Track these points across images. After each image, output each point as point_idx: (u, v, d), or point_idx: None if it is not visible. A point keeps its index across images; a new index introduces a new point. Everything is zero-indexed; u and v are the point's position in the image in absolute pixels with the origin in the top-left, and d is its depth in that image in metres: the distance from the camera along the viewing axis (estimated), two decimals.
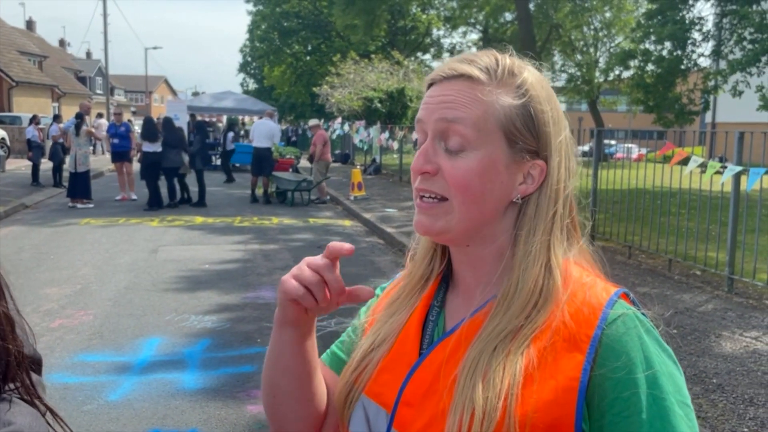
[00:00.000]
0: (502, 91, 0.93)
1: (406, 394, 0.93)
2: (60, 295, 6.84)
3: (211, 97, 27.83)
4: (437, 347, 0.94)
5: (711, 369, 4.85)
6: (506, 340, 0.88)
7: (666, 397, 0.84)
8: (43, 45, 46.57)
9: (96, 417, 4.16)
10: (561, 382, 0.84)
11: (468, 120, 0.91)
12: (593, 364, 0.84)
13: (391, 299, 1.06)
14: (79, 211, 13.01)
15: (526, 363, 0.85)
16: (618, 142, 18.68)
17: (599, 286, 0.92)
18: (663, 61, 17.35)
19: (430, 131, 0.93)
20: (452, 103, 0.92)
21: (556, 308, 0.89)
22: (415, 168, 0.94)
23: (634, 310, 0.89)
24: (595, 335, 0.85)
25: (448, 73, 0.94)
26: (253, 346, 5.50)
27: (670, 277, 7.74)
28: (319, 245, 10.03)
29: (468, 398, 0.85)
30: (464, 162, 0.91)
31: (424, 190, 0.93)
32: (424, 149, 0.93)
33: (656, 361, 0.85)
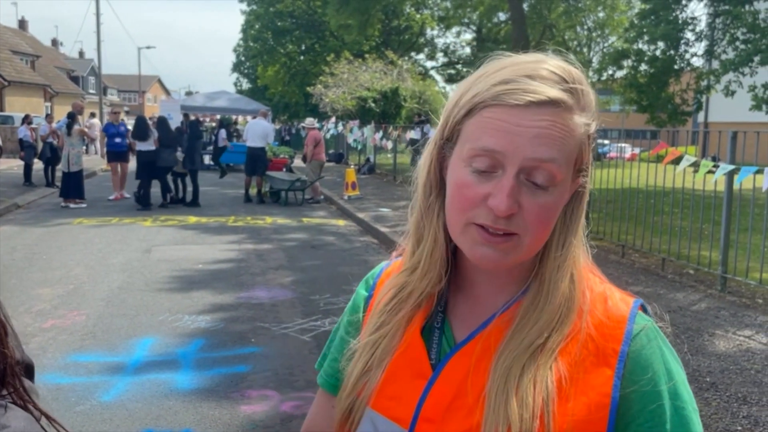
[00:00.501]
0: (580, 113, 0.85)
1: (426, 410, 0.89)
2: (52, 295, 6.81)
3: (204, 96, 27.77)
4: (453, 358, 0.90)
5: (704, 368, 4.86)
6: (534, 355, 0.86)
7: (686, 406, 0.87)
8: (35, 44, 46.35)
9: (89, 418, 4.14)
10: (593, 399, 0.84)
11: (563, 158, 0.83)
12: (623, 380, 0.85)
13: (384, 311, 0.98)
14: (71, 211, 12.96)
15: (558, 378, 0.84)
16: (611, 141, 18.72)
17: (616, 297, 0.92)
18: (656, 61, 17.40)
19: (514, 166, 0.82)
20: (549, 138, 0.82)
21: (579, 319, 0.88)
22: (503, 210, 0.81)
23: (652, 322, 0.90)
24: (622, 350, 0.86)
25: (535, 99, 0.82)
26: (247, 346, 5.48)
27: (663, 276, 7.76)
28: (312, 245, 10.02)
29: (502, 416, 0.83)
30: (548, 199, 0.84)
31: (499, 229, 0.83)
32: (509, 187, 0.81)
33: (674, 371, 0.88)
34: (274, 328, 5.87)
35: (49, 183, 16.55)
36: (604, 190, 9.86)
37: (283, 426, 4.07)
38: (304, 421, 1.16)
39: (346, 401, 0.97)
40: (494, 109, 0.83)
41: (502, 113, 0.83)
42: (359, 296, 1.08)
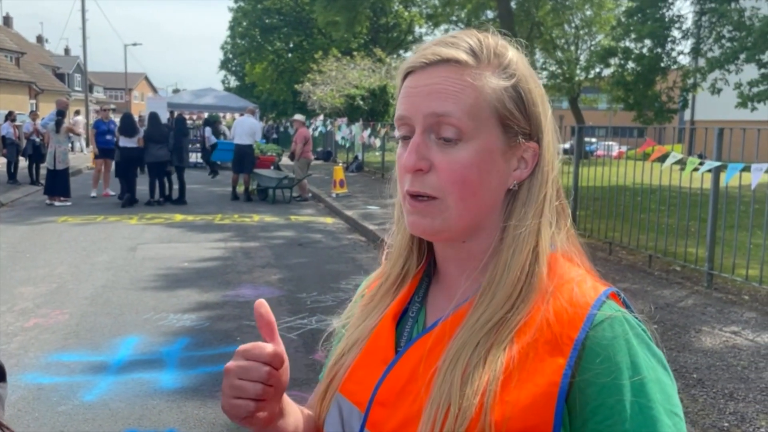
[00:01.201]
0: (490, 72, 0.86)
1: (381, 394, 0.88)
2: (35, 294, 6.72)
3: (191, 94, 27.60)
4: (415, 344, 0.89)
5: (691, 364, 4.86)
6: (490, 333, 0.83)
7: (653, 405, 0.79)
8: (20, 41, 45.91)
9: (71, 418, 4.08)
10: (540, 387, 0.79)
11: (461, 110, 0.84)
12: (575, 369, 0.79)
13: (365, 301, 1.02)
14: (56, 209, 12.83)
15: (507, 360, 0.81)
16: (599, 139, 18.80)
17: (588, 284, 0.86)
18: (643, 58, 17.47)
19: (419, 125, 0.86)
20: (441, 93, 0.85)
21: (541, 300, 0.84)
22: (408, 166, 0.85)
23: (623, 312, 0.83)
24: (578, 338, 0.80)
25: (431, 59, 0.86)
26: (232, 344, 5.42)
27: (650, 273, 7.77)
28: (300, 243, 9.97)
29: (445, 393, 0.81)
30: (460, 154, 0.84)
31: (416, 192, 0.86)
32: (416, 144, 0.85)
33: (644, 366, 0.80)
34: None
35: (34, 181, 16.39)
36: (591, 187, 9.87)
37: None
38: None
39: (322, 385, 0.98)
40: (408, 78, 0.89)
41: (408, 81, 0.89)
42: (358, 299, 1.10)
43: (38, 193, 14.85)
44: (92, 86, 55.77)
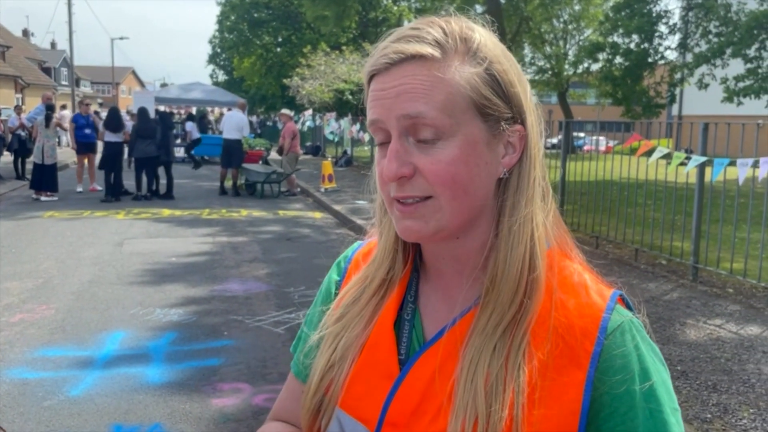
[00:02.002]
0: (459, 61, 0.81)
1: (392, 414, 0.85)
2: (21, 289, 6.68)
3: (179, 88, 27.42)
4: (422, 357, 0.86)
5: (675, 356, 4.91)
6: (504, 337, 0.82)
7: (662, 409, 0.81)
8: (5, 35, 45.41)
9: (56, 413, 4.06)
10: (565, 404, 0.80)
11: (434, 108, 0.79)
12: (594, 382, 0.80)
13: (347, 304, 0.96)
14: (42, 204, 12.74)
15: (529, 369, 0.80)
16: (587, 134, 18.88)
17: (593, 289, 0.86)
18: (630, 53, 17.55)
19: (394, 129, 0.82)
20: (411, 93, 0.80)
21: (548, 297, 0.83)
22: (390, 175, 0.81)
23: (630, 317, 0.84)
24: (594, 351, 0.81)
25: (394, 58, 0.81)
26: (219, 339, 5.42)
27: (636, 266, 7.83)
28: (288, 237, 9.95)
29: (470, 405, 0.79)
30: (443, 154, 0.80)
31: (405, 197, 0.82)
32: (394, 151, 0.81)
33: (652, 371, 0.82)
34: (247, 321, 5.82)
35: (20, 176, 16.26)
36: (579, 182, 9.92)
37: (255, 419, 4.03)
38: None
39: (312, 400, 0.93)
40: (372, 82, 0.85)
41: (375, 84, 0.84)
42: (331, 282, 1.05)
43: (24, 187, 14.73)
44: (79, 80, 55.32)
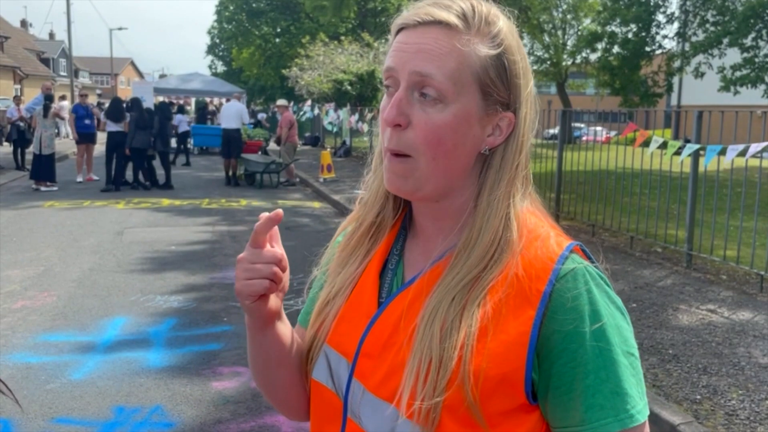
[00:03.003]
0: (479, 40, 0.89)
1: (366, 346, 0.94)
2: (23, 276, 6.76)
3: (178, 78, 27.44)
4: (396, 298, 0.95)
5: (667, 340, 4.99)
6: (464, 290, 0.89)
7: (612, 348, 0.87)
8: (3, 25, 45.29)
9: (59, 395, 4.14)
10: (512, 337, 0.86)
11: (444, 73, 0.87)
12: (543, 319, 0.86)
13: (341, 246, 1.06)
14: (42, 194, 12.79)
15: (482, 315, 0.87)
16: (586, 125, 18.91)
17: (552, 240, 0.92)
18: (628, 43, 17.57)
19: (404, 81, 0.89)
20: (428, 53, 0.88)
21: (512, 258, 0.90)
22: (389, 119, 0.89)
23: (585, 264, 0.90)
24: (545, 291, 0.87)
25: (425, 18, 0.89)
26: (219, 324, 5.50)
27: (631, 254, 7.91)
28: (287, 226, 10.02)
29: (426, 347, 0.87)
30: (438, 116, 0.88)
31: (395, 150, 0.90)
32: (398, 99, 0.89)
33: (604, 313, 0.87)
34: None
35: (19, 166, 16.31)
36: (575, 172, 9.98)
37: (254, 401, 4.11)
38: None
39: (308, 335, 1.04)
40: (399, 34, 0.93)
41: (400, 36, 0.92)
42: (336, 243, 1.13)
43: (24, 178, 14.79)
44: (78, 71, 55.17)
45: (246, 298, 0.93)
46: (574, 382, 0.86)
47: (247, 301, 0.93)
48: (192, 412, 3.98)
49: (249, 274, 0.91)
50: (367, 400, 0.93)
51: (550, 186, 10.31)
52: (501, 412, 0.87)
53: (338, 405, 0.97)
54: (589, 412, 0.86)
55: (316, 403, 1.02)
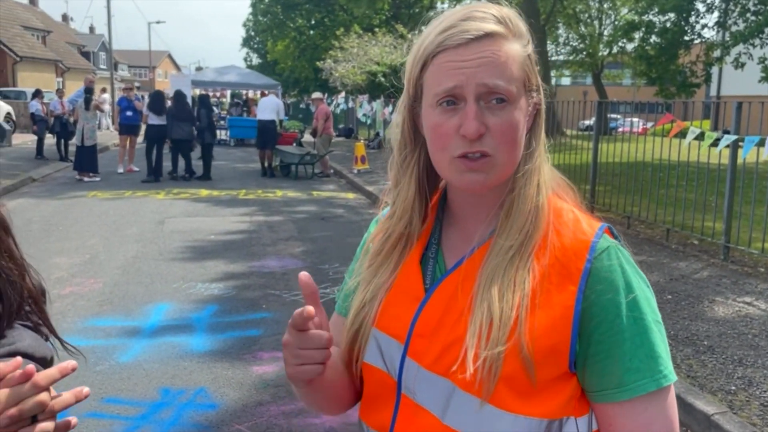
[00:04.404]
0: (516, 40, 0.99)
1: (419, 327, 1.02)
2: (70, 264, 7.01)
3: (214, 71, 27.78)
4: (444, 281, 1.03)
5: (703, 332, 4.99)
6: (513, 258, 0.99)
7: (645, 317, 0.98)
8: (46, 20, 46.38)
9: (108, 377, 4.34)
10: (558, 311, 0.96)
11: (507, 80, 0.96)
12: (585, 294, 0.97)
13: (372, 255, 1.13)
14: (85, 185, 13.16)
15: (532, 280, 0.97)
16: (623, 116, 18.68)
17: (584, 222, 1.03)
18: (666, 32, 17.27)
19: (471, 95, 0.96)
20: (491, 65, 0.95)
21: (547, 228, 1.01)
22: (472, 132, 0.95)
23: (616, 243, 1.01)
24: (585, 268, 0.97)
25: (476, 34, 0.96)
26: (258, 311, 5.66)
27: (667, 246, 7.86)
28: (322, 217, 10.18)
29: (486, 310, 0.96)
30: (510, 116, 0.97)
31: (476, 151, 0.97)
32: (474, 111, 0.96)
33: (635, 286, 0.98)
34: (284, 295, 6.05)
35: (63, 157, 16.76)
36: (611, 163, 9.92)
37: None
38: None
39: (349, 331, 1.11)
40: (442, 55, 0.98)
41: (449, 56, 0.97)
42: (367, 238, 1.21)
43: (67, 168, 15.21)
44: (117, 64, 56.24)
45: (299, 382, 0.99)
46: (613, 348, 0.96)
47: (300, 384, 1.00)
48: (234, 394, 4.13)
49: (300, 360, 0.95)
50: (423, 377, 1.01)
51: (585, 178, 10.27)
52: (548, 379, 0.97)
53: (392, 383, 1.05)
54: (627, 374, 0.96)
55: (370, 383, 1.10)
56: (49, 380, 0.89)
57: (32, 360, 1.09)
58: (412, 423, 1.03)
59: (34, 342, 1.14)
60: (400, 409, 1.05)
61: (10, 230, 1.14)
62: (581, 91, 41.99)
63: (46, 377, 0.89)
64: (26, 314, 1.18)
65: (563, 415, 0.98)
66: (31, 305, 1.17)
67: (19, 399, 0.87)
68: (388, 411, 1.06)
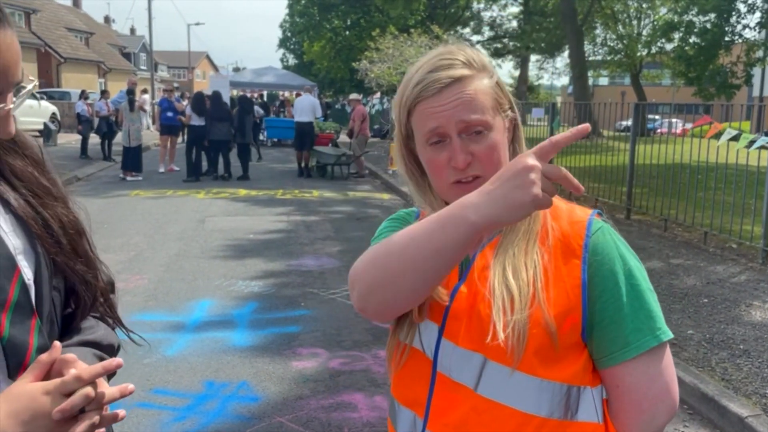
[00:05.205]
0: (483, 76, 1.17)
1: (453, 310, 1.16)
2: (115, 261, 7.27)
3: (252, 72, 28.22)
4: (470, 272, 1.18)
5: (739, 336, 4.99)
6: (520, 243, 1.15)
7: (639, 283, 1.14)
8: (89, 22, 47.54)
9: (155, 369, 4.53)
10: (567, 282, 1.12)
11: (481, 113, 1.14)
12: (588, 263, 1.13)
13: None
14: (128, 184, 13.54)
15: (540, 256, 1.13)
16: (662, 117, 18.48)
17: (577, 209, 1.21)
18: (706, 33, 17.03)
19: (453, 131, 1.14)
20: (464, 104, 1.13)
21: (545, 216, 1.18)
22: (461, 163, 1.14)
23: (607, 224, 1.19)
24: (585, 243, 1.15)
25: (446, 82, 1.14)
26: (297, 309, 5.82)
27: (705, 249, 7.81)
28: (358, 217, 10.32)
29: (505, 289, 1.11)
30: (489, 141, 1.15)
31: (467, 176, 1.15)
32: (458, 146, 1.14)
33: (627, 257, 1.16)
34: (322, 294, 6.21)
35: (107, 156, 17.23)
36: (648, 165, 9.87)
37: (331, 380, 4.39)
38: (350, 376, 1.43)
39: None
40: (422, 103, 1.17)
41: (429, 103, 1.16)
42: (409, 213, 1.36)
43: (111, 168, 15.65)
44: (157, 65, 57.32)
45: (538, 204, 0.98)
46: (616, 313, 1.12)
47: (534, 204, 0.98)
48: (275, 388, 4.28)
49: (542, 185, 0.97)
50: (458, 354, 1.15)
51: (622, 180, 10.23)
52: (565, 347, 1.12)
53: (428, 362, 1.18)
54: (631, 335, 1.12)
55: (407, 363, 1.23)
56: (93, 375, 0.97)
57: (99, 347, 1.21)
58: (447, 398, 1.16)
59: (104, 331, 1.26)
60: (436, 386, 1.17)
61: (85, 233, 1.24)
62: (619, 91, 41.46)
63: (89, 372, 0.97)
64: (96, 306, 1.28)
65: (580, 383, 1.13)
66: (101, 301, 1.27)
67: (65, 392, 0.95)
68: (422, 388, 1.18)
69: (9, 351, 1.03)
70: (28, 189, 1.14)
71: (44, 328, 1.09)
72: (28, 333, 1.06)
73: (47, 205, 1.15)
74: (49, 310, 1.12)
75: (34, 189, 1.15)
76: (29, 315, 1.06)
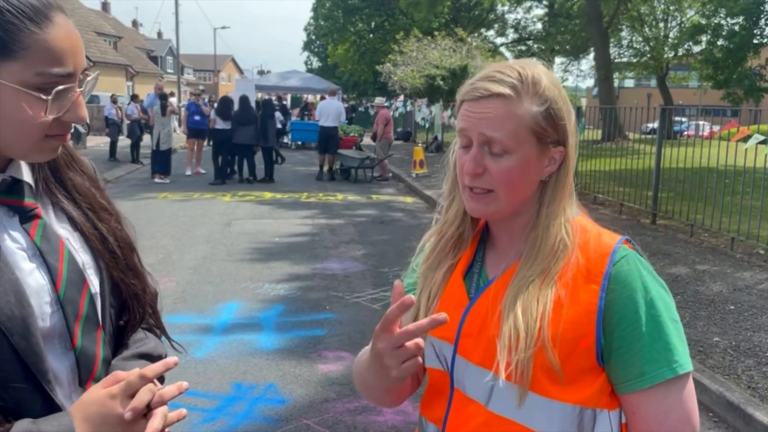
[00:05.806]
0: (529, 100, 1.16)
1: (465, 328, 1.20)
2: (145, 263, 7.38)
3: (277, 75, 28.45)
4: (484, 293, 1.22)
5: (765, 343, 4.95)
6: (537, 281, 1.16)
7: (660, 314, 1.13)
8: (117, 26, 48.26)
9: (184, 370, 4.62)
10: (583, 307, 1.13)
11: (506, 134, 1.14)
12: (606, 293, 1.13)
13: (426, 256, 1.33)
14: (156, 186, 13.75)
15: (555, 294, 1.14)
16: (689, 119, 18.28)
17: (605, 235, 1.21)
18: (734, 35, 16.83)
19: (475, 140, 1.16)
20: (490, 120, 1.15)
21: (572, 254, 1.17)
22: (469, 171, 1.17)
23: (634, 252, 1.18)
24: (607, 271, 1.14)
25: (484, 93, 1.16)
26: (322, 312, 5.89)
27: (732, 255, 7.74)
28: (382, 221, 10.38)
29: (512, 324, 1.13)
30: (506, 163, 1.15)
31: (474, 187, 1.18)
32: (474, 156, 1.17)
33: (651, 288, 1.15)
34: (346, 297, 6.28)
35: (135, 159, 17.51)
36: (674, 169, 9.79)
37: None
38: None
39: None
40: (465, 104, 1.21)
41: (467, 106, 1.20)
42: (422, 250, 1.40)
43: (139, 170, 15.90)
44: (183, 68, 57.99)
45: (405, 379, 1.12)
46: (633, 342, 1.12)
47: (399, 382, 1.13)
48: (301, 390, 4.36)
49: (401, 357, 1.08)
50: (471, 371, 1.20)
51: (648, 184, 10.16)
52: (578, 370, 1.13)
53: (446, 378, 1.25)
54: (647, 365, 1.12)
55: (431, 382, 1.29)
56: (155, 373, 1.05)
57: (151, 359, 1.25)
58: (462, 413, 1.21)
59: (154, 343, 1.32)
60: (453, 401, 1.23)
61: (134, 247, 1.30)
62: (645, 93, 41.05)
63: (152, 370, 1.04)
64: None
65: (596, 405, 1.14)
66: (150, 312, 1.32)
67: (132, 391, 1.02)
68: (442, 404, 1.24)
69: (81, 361, 1.10)
70: (87, 204, 1.20)
71: (108, 339, 1.16)
72: (95, 344, 1.13)
73: (103, 219, 1.21)
74: (109, 322, 1.18)
75: (93, 204, 1.21)
76: (96, 327, 1.14)
